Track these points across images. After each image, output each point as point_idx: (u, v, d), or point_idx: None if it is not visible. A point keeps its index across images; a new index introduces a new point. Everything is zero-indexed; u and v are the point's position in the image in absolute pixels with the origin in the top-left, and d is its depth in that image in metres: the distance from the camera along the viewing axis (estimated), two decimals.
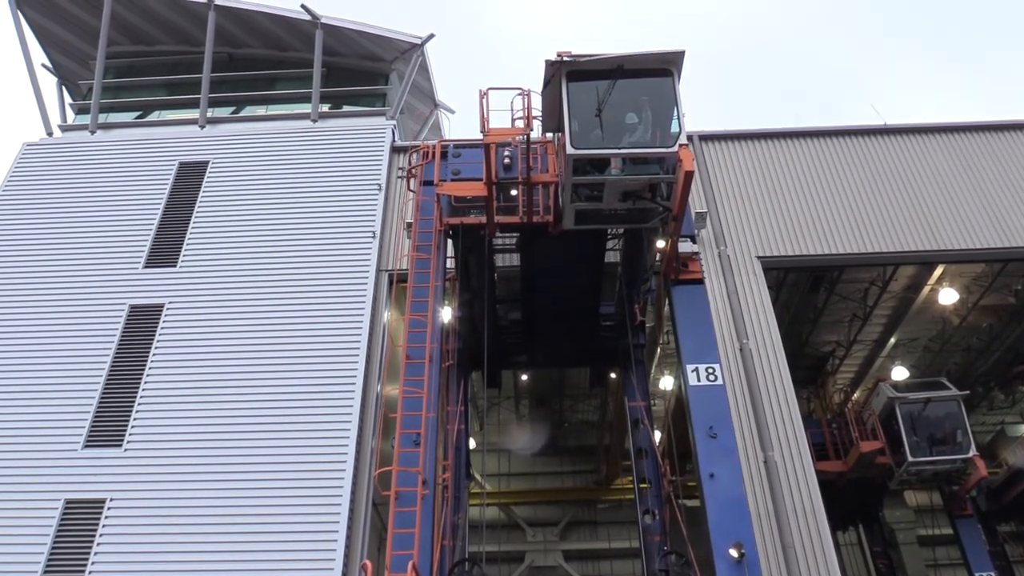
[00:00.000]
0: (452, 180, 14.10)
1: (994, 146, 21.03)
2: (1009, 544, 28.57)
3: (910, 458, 22.51)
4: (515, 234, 15.35)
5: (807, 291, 24.87)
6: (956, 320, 26.17)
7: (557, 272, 15.18)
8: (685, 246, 13.30)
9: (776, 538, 14.33)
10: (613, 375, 20.41)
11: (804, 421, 16.65)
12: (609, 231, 14.99)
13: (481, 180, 12.97)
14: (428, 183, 14.22)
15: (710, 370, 12.09)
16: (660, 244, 13.74)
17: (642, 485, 16.04)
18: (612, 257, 16.39)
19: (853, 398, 27.65)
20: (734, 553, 10.20)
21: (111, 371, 16.95)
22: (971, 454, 22.68)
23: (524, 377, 26.95)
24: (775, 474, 15.02)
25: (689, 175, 11.25)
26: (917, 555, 30.01)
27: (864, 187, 20.07)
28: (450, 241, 14.66)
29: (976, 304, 25.21)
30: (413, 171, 14.67)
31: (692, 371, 12.14)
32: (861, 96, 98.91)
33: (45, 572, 14.52)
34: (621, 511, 30.27)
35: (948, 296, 24.36)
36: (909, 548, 30.03)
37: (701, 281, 13.56)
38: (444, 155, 14.38)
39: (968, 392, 24.37)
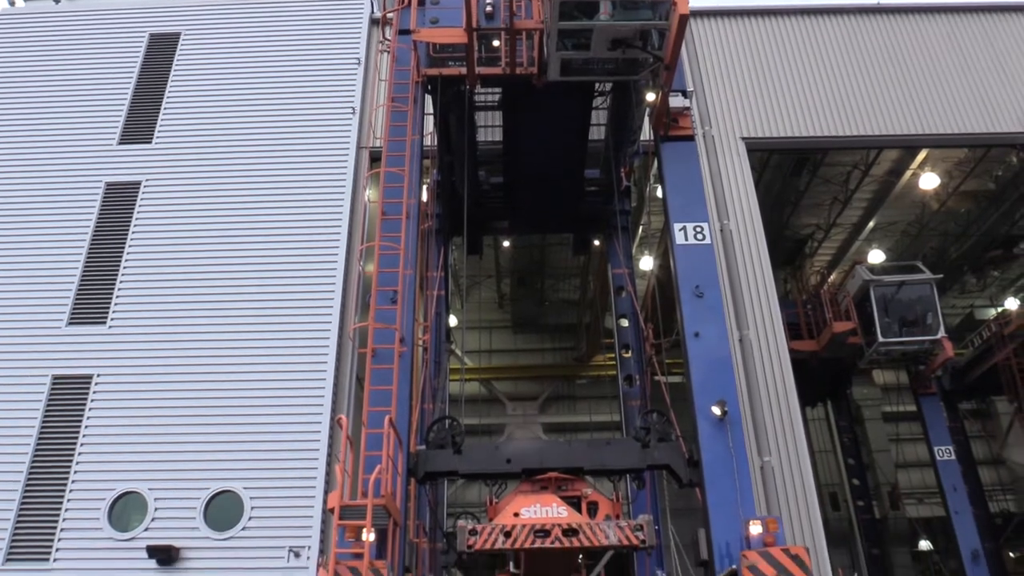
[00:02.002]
0: (430, 28, 12.93)
1: (986, 29, 20.29)
2: (968, 421, 29.53)
3: (880, 339, 22.82)
4: (497, 90, 14.50)
5: (789, 174, 24.57)
6: (935, 205, 26.04)
7: (541, 133, 14.38)
8: (676, 101, 12.40)
9: (748, 413, 14.75)
10: (597, 242, 19.96)
11: (780, 302, 16.73)
12: (596, 88, 14.14)
13: (461, 28, 11.99)
14: (404, 32, 13.10)
15: (698, 229, 11.58)
16: (650, 98, 12.89)
17: (624, 355, 16.29)
18: (597, 134, 16.13)
19: (829, 280, 27.84)
20: (717, 411, 10.03)
21: (91, 249, 16.61)
22: (940, 336, 23.02)
23: (506, 244, 26.49)
24: (749, 352, 15.34)
25: (684, 19, 10.42)
26: (881, 430, 31.09)
27: (852, 68, 19.48)
28: (429, 99, 13.60)
29: (956, 189, 25.01)
30: (388, 17, 13.58)
31: (680, 230, 11.61)
32: None
33: (37, 447, 14.55)
34: (600, 387, 30.84)
35: (929, 181, 24.16)
36: (874, 423, 31.07)
37: (692, 138, 12.73)
38: (422, 1, 13.20)
39: (942, 276, 24.69)
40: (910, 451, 29.81)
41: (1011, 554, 28.27)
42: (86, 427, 14.84)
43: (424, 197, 14.45)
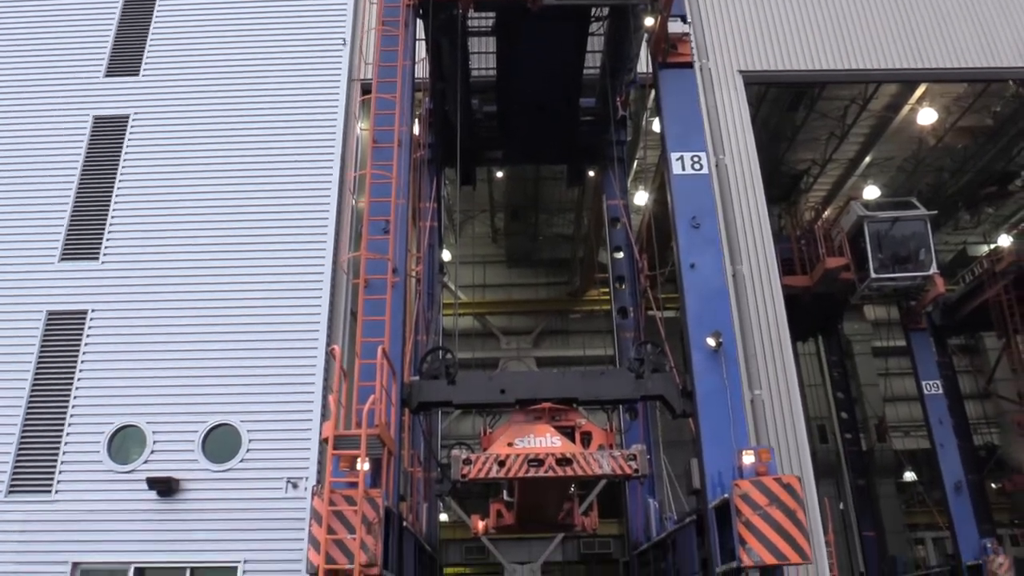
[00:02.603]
0: None
1: None
2: (957, 356, 29.80)
3: (873, 275, 22.86)
4: (491, 15, 13.99)
5: (787, 108, 24.26)
6: (932, 140, 25.73)
7: (536, 59, 13.96)
8: (675, 26, 12.02)
9: (740, 347, 14.77)
10: (592, 173, 19.72)
11: (774, 237, 16.71)
12: (592, 12, 13.67)
13: None
14: None
15: (695, 159, 11.33)
16: (648, 22, 12.52)
17: (618, 287, 16.18)
18: (593, 62, 15.68)
19: (824, 216, 27.77)
20: (711, 342, 9.96)
21: (80, 184, 16.27)
22: (932, 272, 23.09)
23: (499, 175, 26.13)
24: (742, 287, 15.29)
25: None
26: (870, 365, 31.39)
27: (851, 1, 19.16)
28: (421, 24, 13.27)
29: (954, 125, 24.69)
30: None
31: (676, 159, 11.36)
32: None
33: (34, 382, 14.47)
34: (594, 321, 30.90)
35: (927, 116, 23.84)
36: (864, 358, 31.35)
37: (690, 65, 12.40)
38: None
39: (936, 212, 24.58)
40: (898, 385, 30.14)
41: (993, 485, 28.84)
42: (82, 362, 14.78)
43: (416, 128, 14.19)
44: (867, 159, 25.84)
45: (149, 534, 13.60)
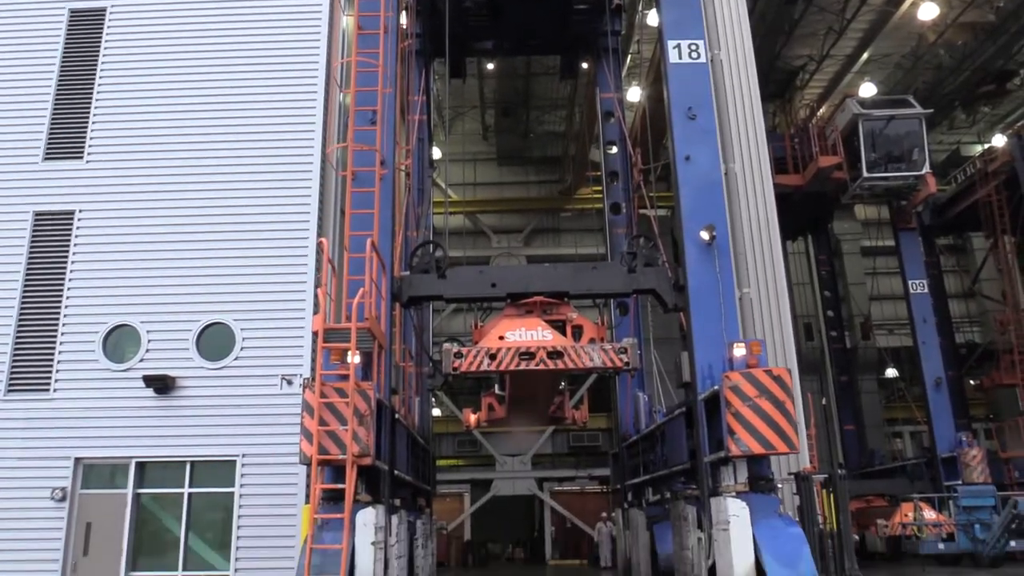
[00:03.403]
0: None
1: None
2: (944, 255, 29.87)
3: (865, 174, 22.61)
4: None
5: (785, 1, 23.50)
6: (932, 37, 25.00)
7: None
8: None
9: (730, 245, 14.59)
10: (585, 65, 18.98)
11: (767, 135, 16.37)
12: None
13: None
14: None
15: (692, 47, 10.83)
16: None
17: (611, 182, 15.83)
18: None
19: (818, 114, 27.22)
20: (705, 235, 9.78)
21: (60, 81, 15.42)
22: (924, 172, 22.84)
23: (490, 67, 25.28)
24: (734, 185, 15.02)
25: None
26: (858, 264, 31.44)
27: None
28: None
29: (955, 20, 24.02)
30: None
31: (673, 48, 10.84)
32: None
33: (26, 283, 14.25)
34: (585, 220, 30.64)
35: (928, 11, 23.00)
36: (852, 257, 31.38)
37: None
38: None
39: (932, 111, 24.07)
40: (885, 284, 30.27)
41: (971, 381, 29.34)
42: (73, 262, 14.53)
43: (404, 19, 13.53)
44: (865, 56, 25.12)
45: (148, 430, 13.71)
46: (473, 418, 15.13)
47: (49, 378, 14.02)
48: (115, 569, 13.32)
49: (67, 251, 14.62)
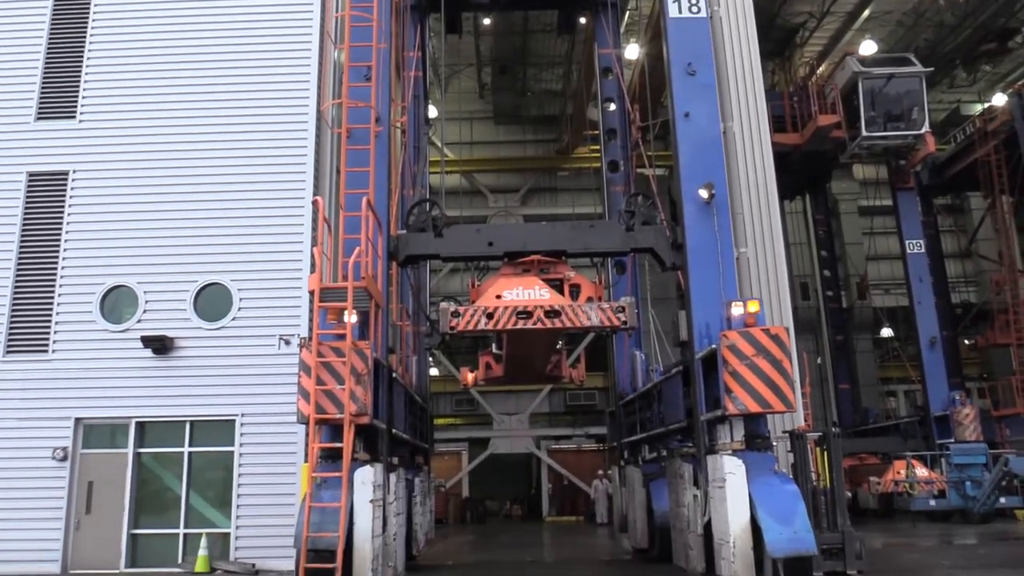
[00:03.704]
0: None
1: None
2: (941, 215, 29.76)
3: (864, 132, 22.42)
4: None
5: None
6: None
7: None
8: None
9: (728, 203, 14.44)
10: (583, 20, 18.59)
11: (766, 94, 16.16)
12: None
13: None
14: None
15: (693, 1, 10.65)
16: None
17: (609, 140, 15.60)
18: None
19: (818, 72, 26.91)
20: (704, 193, 9.64)
21: (50, 40, 15.33)
22: (923, 131, 22.63)
23: (487, 23, 24.86)
24: (732, 144, 14.83)
25: None
26: (855, 224, 31.31)
27: None
28: None
29: None
30: None
31: (673, 1, 10.66)
32: None
33: (21, 243, 14.12)
34: (582, 179, 30.35)
35: None
36: (849, 217, 31.22)
37: None
38: None
39: (932, 69, 23.77)
40: (882, 244, 30.19)
41: (966, 341, 29.42)
42: (68, 223, 14.42)
43: None
44: (866, 12, 24.70)
45: (148, 390, 13.72)
46: (471, 377, 15.13)
47: (47, 339, 14.01)
48: (118, 527, 13.44)
49: (62, 212, 14.51)
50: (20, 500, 13.32)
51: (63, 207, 14.51)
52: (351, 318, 8.15)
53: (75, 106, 15.05)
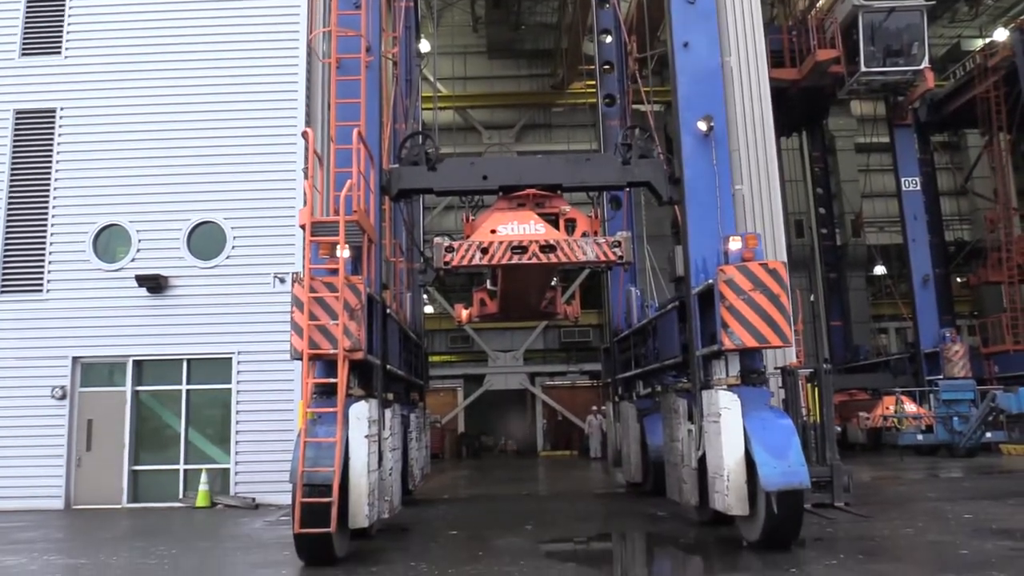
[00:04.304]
0: None
1: None
2: (939, 152, 29.41)
3: (863, 68, 21.97)
4: None
5: None
6: None
7: None
8: None
9: (726, 137, 14.13)
10: None
11: (764, 28, 15.71)
12: None
13: None
14: None
15: None
16: None
17: (606, 70, 15.19)
18: None
19: (818, 5, 26.22)
20: (702, 126, 9.35)
21: None
22: (923, 67, 22.16)
23: None
24: (728, 79, 14.44)
25: None
26: (852, 161, 30.91)
27: None
28: None
29: None
30: None
31: None
32: None
33: (11, 182, 13.96)
34: (578, 115, 29.70)
35: None
36: (846, 155, 30.82)
37: None
38: None
39: (934, 2, 23.16)
40: (877, 182, 29.90)
41: (958, 279, 29.38)
42: (57, 161, 14.19)
43: None
44: None
45: (144, 329, 13.70)
46: (465, 314, 15.02)
47: (41, 279, 13.90)
48: (118, 463, 13.52)
49: (51, 150, 14.28)
50: (22, 439, 13.37)
51: (52, 145, 14.26)
52: (343, 252, 7.96)
53: (60, 41, 14.66)
